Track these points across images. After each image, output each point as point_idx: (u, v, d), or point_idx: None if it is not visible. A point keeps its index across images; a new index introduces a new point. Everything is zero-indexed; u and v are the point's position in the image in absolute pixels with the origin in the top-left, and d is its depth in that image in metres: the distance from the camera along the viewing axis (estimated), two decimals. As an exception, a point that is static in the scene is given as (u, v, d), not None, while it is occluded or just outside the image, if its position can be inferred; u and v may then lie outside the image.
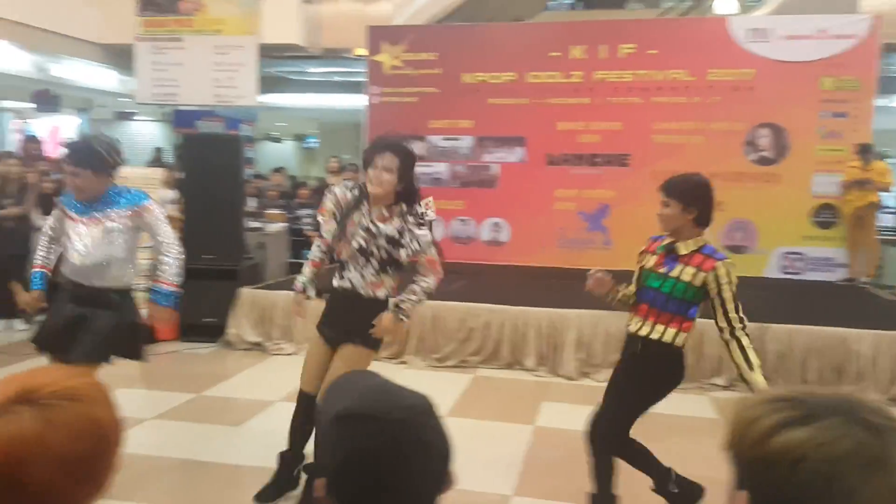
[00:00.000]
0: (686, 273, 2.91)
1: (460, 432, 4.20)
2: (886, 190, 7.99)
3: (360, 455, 0.96)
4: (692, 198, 2.91)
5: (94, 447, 0.93)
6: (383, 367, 5.86)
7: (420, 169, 8.64)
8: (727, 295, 2.86)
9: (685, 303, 2.94)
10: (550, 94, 8.38)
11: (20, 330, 6.43)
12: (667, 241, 3.02)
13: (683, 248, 2.95)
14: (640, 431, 3.11)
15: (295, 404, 3.50)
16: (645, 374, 3.03)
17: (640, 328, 3.03)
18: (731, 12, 9.92)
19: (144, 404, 4.78)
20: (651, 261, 3.06)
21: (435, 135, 8.72)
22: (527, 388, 5.51)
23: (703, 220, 2.96)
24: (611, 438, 3.05)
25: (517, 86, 8.47)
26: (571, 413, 5.06)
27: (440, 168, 8.76)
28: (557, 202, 8.41)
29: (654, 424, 3.22)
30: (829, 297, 7.10)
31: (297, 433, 3.41)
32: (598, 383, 5.55)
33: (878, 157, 8.04)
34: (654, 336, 2.98)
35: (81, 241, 3.35)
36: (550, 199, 8.43)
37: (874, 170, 7.48)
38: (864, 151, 7.47)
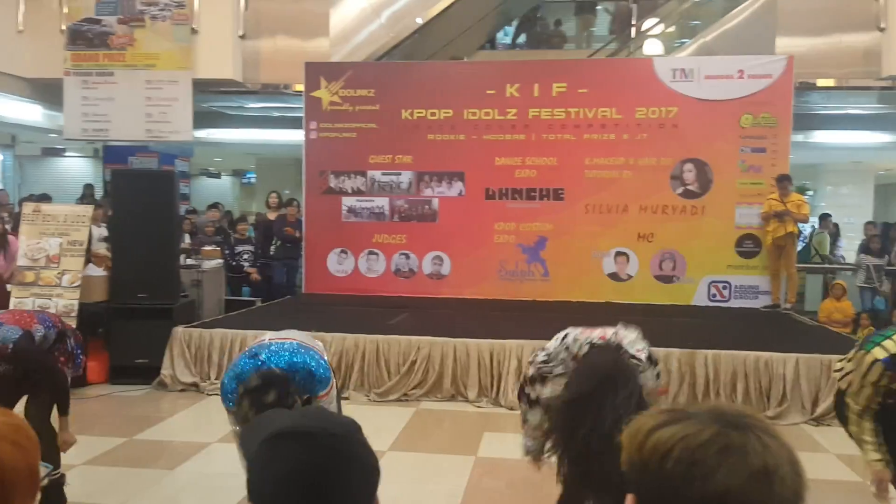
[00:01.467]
0: None
1: (403, 466, 4.24)
2: (804, 221, 8.39)
3: (299, 471, 0.96)
4: None
5: None
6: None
7: (361, 203, 8.78)
8: None
9: None
10: (487, 130, 8.58)
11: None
12: None
13: None
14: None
15: None
16: None
17: None
18: (657, 53, 10.39)
19: (73, 450, 4.61)
20: None
21: (375, 169, 8.79)
22: (469, 420, 5.55)
23: None
24: None
25: (455, 122, 8.63)
26: (513, 443, 5.12)
27: (381, 202, 8.81)
28: (497, 235, 8.55)
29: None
30: (753, 324, 7.39)
31: None
32: (538, 413, 5.65)
33: (795, 189, 8.46)
34: None
35: None
36: (490, 232, 8.57)
37: (792, 201, 7.87)
38: (783, 180, 7.84)
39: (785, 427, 5.44)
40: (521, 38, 12.70)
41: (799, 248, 9.01)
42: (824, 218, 11.55)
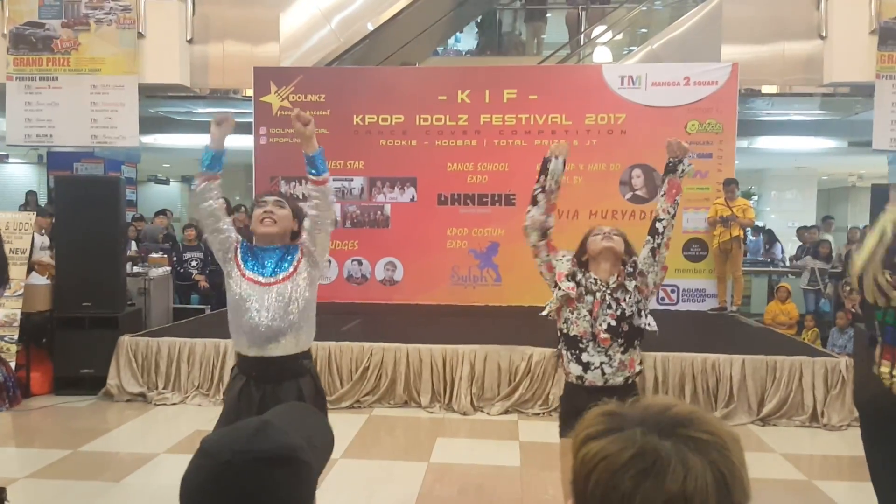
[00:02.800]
0: None
1: (355, 473, 4.23)
2: (749, 225, 8.62)
3: (189, 490, 0.95)
4: None
5: None
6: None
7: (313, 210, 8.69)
8: None
9: None
10: (439, 136, 8.60)
11: None
12: None
13: None
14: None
15: None
16: None
17: None
18: (606, 60, 10.55)
19: (15, 463, 4.48)
20: None
21: (326, 175, 8.72)
22: (422, 425, 5.55)
23: None
24: None
25: (407, 127, 8.64)
26: (465, 448, 5.15)
27: (333, 208, 8.74)
28: (449, 241, 8.58)
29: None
30: (701, 326, 7.56)
31: None
32: (491, 417, 5.68)
33: (741, 194, 8.68)
34: None
35: None
36: (443, 237, 8.58)
37: (738, 206, 8.08)
38: (729, 185, 8.05)
39: (731, 427, 5.57)
40: (476, 44, 12.78)
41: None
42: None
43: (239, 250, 2.89)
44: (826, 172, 15.08)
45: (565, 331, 2.98)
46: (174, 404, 5.92)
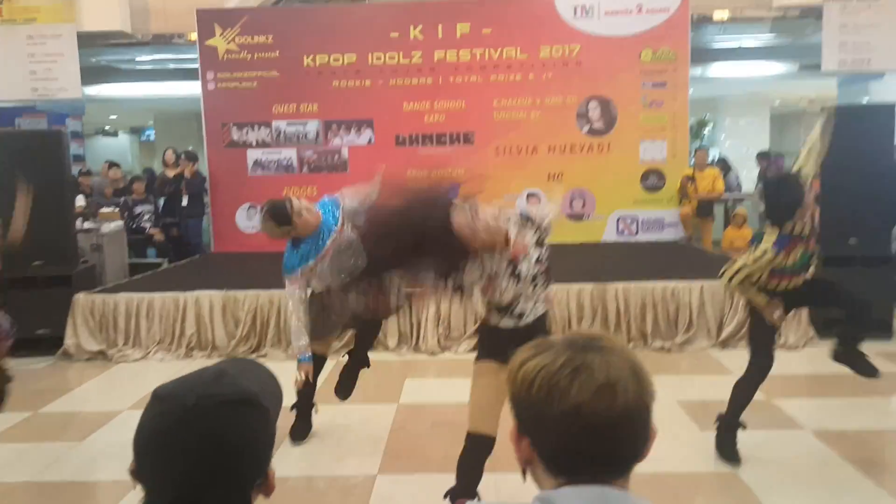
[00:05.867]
0: None
1: (326, 419, 4.19)
2: (717, 197, 8.81)
3: (152, 434, 0.96)
4: None
5: None
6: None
7: (268, 156, 8.51)
8: None
9: None
10: (394, 75, 8.41)
11: None
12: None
13: None
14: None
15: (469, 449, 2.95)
16: None
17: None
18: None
19: (-27, 430, 4.39)
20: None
21: (279, 120, 8.52)
22: (390, 368, 5.56)
23: None
24: None
25: (360, 67, 8.42)
26: (433, 387, 5.20)
27: (288, 154, 8.58)
28: (410, 182, 8.48)
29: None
30: (660, 255, 7.66)
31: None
32: (458, 356, 5.72)
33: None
34: None
35: None
36: (402, 179, 8.47)
37: (706, 176, 8.40)
38: (700, 152, 8.51)
39: (693, 351, 5.71)
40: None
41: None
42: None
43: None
44: (778, 97, 15.19)
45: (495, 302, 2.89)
46: (135, 360, 5.84)
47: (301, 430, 4.12)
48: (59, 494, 3.60)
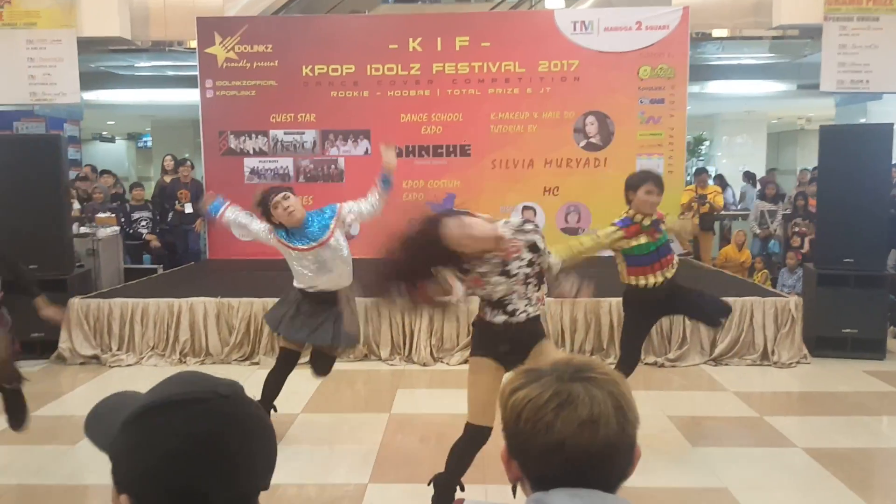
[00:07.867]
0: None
1: (317, 428, 4.21)
2: (718, 210, 9.13)
3: (194, 441, 0.85)
4: None
5: None
6: (233, 369, 5.73)
7: (264, 164, 8.53)
8: None
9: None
10: (392, 86, 8.45)
11: None
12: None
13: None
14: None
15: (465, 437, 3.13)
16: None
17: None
18: (558, 6, 10.43)
19: (-35, 432, 4.37)
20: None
21: (277, 129, 8.54)
22: (382, 378, 5.57)
23: None
24: None
25: (358, 78, 8.46)
26: (425, 398, 5.20)
27: (285, 163, 8.59)
28: (405, 193, 8.49)
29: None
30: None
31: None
32: (451, 367, 5.73)
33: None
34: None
35: None
36: (398, 190, 8.42)
37: (709, 192, 8.87)
38: (700, 173, 8.89)
39: (685, 368, 5.72)
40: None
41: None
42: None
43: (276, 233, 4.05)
44: (775, 116, 15.29)
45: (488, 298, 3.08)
46: (129, 366, 5.84)
47: None
48: (50, 498, 3.59)
